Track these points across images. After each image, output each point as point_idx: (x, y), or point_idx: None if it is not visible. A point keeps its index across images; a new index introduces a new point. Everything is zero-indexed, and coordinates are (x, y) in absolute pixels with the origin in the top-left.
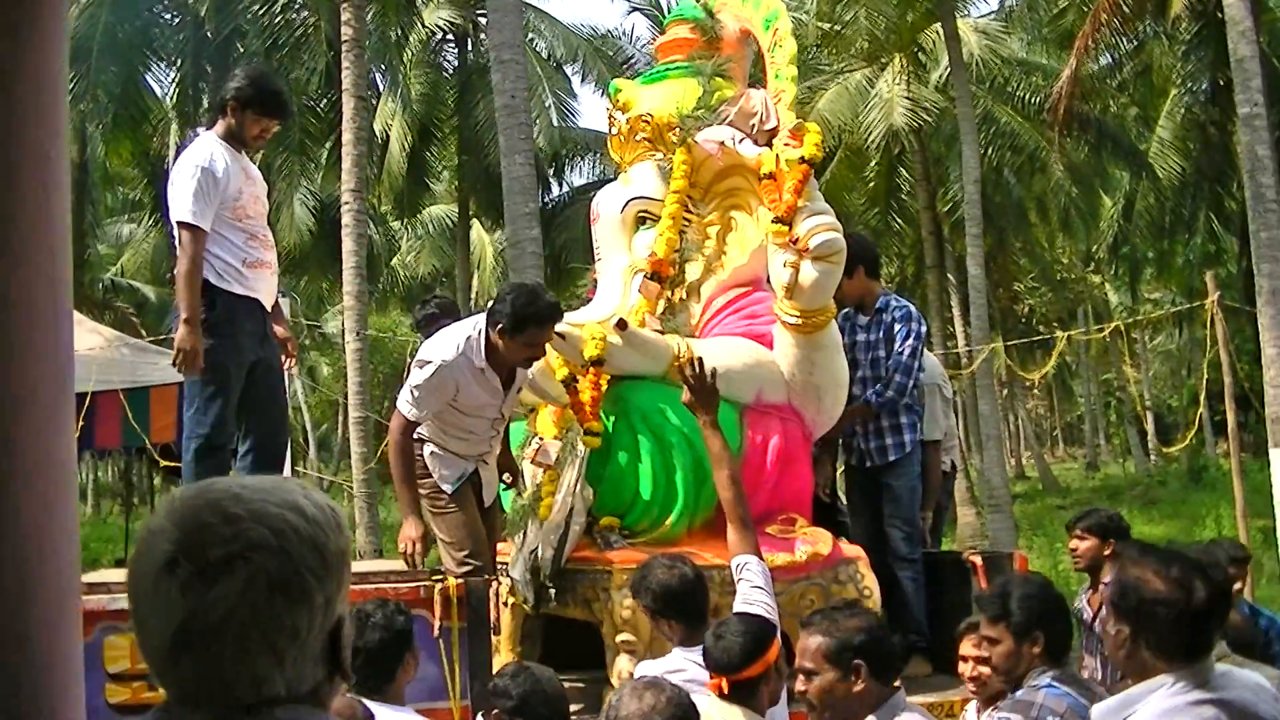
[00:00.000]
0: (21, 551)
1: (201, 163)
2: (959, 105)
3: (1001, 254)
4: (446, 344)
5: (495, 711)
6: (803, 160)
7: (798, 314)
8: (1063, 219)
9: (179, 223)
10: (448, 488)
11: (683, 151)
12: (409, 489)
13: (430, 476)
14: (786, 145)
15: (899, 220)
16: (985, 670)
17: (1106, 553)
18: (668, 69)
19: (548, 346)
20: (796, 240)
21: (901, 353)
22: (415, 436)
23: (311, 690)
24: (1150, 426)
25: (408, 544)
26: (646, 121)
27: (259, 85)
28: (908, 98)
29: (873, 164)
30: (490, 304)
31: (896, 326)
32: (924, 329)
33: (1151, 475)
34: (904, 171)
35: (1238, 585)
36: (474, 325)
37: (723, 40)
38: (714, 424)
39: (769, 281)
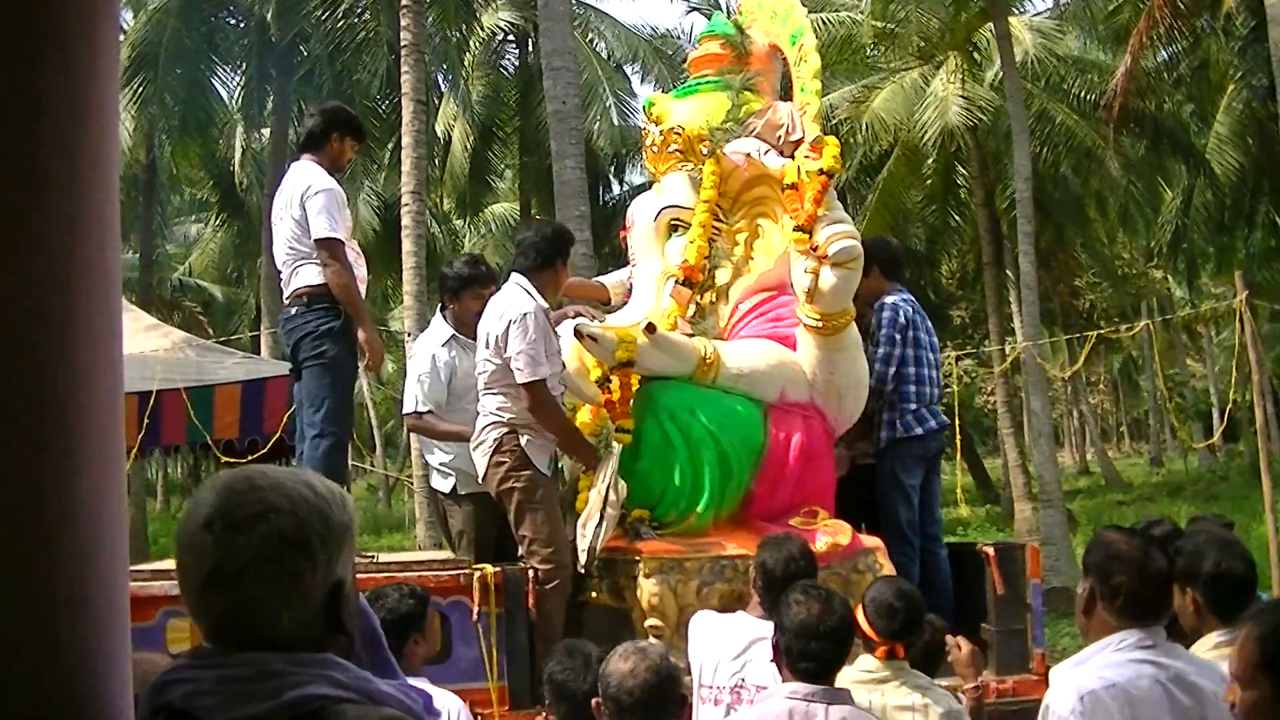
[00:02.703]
0: (80, 532)
1: (330, 186)
2: (1010, 104)
3: (1061, 250)
4: (519, 297)
5: None
6: (821, 172)
7: (818, 317)
8: (1121, 215)
9: (322, 240)
10: (549, 472)
11: (712, 162)
12: (576, 435)
13: (527, 469)
14: (807, 157)
15: (957, 217)
16: None
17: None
18: (699, 83)
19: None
20: (816, 247)
21: (876, 347)
22: (509, 429)
23: (317, 640)
24: (1216, 422)
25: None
26: (678, 134)
27: (349, 115)
28: (962, 96)
29: (930, 161)
30: (522, 261)
31: (880, 326)
32: (902, 319)
33: (1214, 471)
34: (961, 169)
35: None
36: (515, 283)
37: (752, 55)
38: None
39: (793, 286)
